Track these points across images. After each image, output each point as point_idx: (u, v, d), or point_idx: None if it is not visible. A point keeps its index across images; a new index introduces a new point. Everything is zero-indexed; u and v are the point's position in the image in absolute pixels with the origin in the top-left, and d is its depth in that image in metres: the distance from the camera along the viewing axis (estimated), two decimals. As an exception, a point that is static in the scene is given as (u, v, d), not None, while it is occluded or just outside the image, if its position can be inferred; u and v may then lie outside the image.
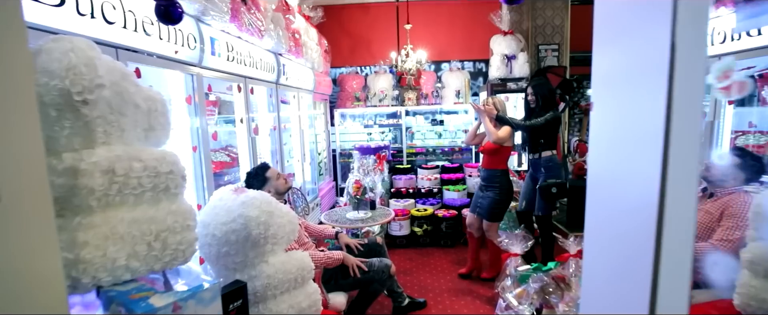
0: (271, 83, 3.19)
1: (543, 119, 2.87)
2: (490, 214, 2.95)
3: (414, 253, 3.73)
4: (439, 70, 5.95)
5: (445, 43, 5.92)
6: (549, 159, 2.98)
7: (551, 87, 3.06)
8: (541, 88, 2.98)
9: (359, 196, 2.76)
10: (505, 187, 2.93)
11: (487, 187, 2.97)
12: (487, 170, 2.97)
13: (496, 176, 2.93)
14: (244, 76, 2.63)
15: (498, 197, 2.93)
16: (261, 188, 2.13)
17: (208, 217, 1.47)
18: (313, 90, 4.41)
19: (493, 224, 2.97)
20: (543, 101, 2.96)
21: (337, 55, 5.93)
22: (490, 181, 2.95)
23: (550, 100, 2.97)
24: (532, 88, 3.03)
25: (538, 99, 2.97)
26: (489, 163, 2.96)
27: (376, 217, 2.80)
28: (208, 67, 2.14)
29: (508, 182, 2.95)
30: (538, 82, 3.04)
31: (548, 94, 2.97)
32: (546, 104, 2.95)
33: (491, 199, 2.94)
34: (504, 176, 2.95)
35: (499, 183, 2.92)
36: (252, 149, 2.68)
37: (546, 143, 2.95)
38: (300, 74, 3.85)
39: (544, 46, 5.28)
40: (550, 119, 2.89)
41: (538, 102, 2.97)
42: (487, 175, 2.97)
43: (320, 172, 4.98)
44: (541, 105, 2.96)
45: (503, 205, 2.96)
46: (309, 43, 4.11)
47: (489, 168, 2.96)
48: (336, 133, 5.68)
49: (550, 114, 2.90)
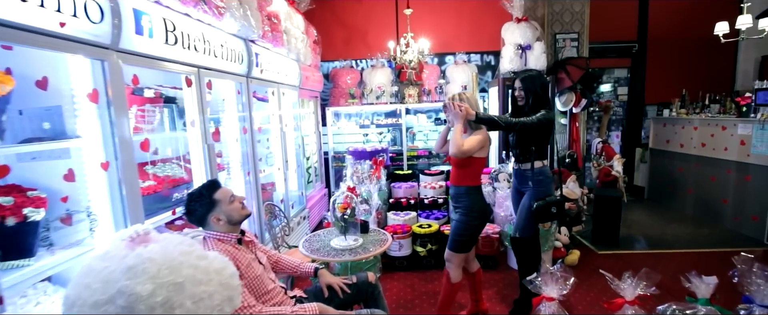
0: (240, 76, 2.60)
1: (536, 118, 2.26)
2: (452, 241, 2.28)
3: (416, 279, 3.15)
4: (442, 64, 5.36)
5: (450, 32, 5.32)
6: (540, 171, 2.38)
7: (545, 82, 2.45)
8: (532, 83, 2.36)
9: (347, 217, 2.18)
10: (473, 209, 2.21)
11: (455, 207, 2.31)
12: (453, 187, 2.29)
13: (462, 194, 2.23)
14: (196, 65, 2.04)
15: (464, 221, 2.22)
16: (206, 216, 1.55)
17: (75, 290, 0.88)
18: (298, 85, 3.82)
19: (456, 256, 2.28)
20: (534, 99, 2.35)
21: (330, 48, 5.34)
22: (457, 201, 2.28)
23: (542, 98, 2.37)
24: (520, 81, 2.39)
25: (528, 96, 2.36)
26: (456, 177, 2.27)
27: (369, 245, 2.22)
28: (130, 50, 1.55)
29: (479, 202, 2.24)
30: (529, 75, 2.41)
31: (541, 91, 2.37)
32: (537, 103, 2.35)
33: (456, 223, 2.28)
34: (473, 195, 2.22)
35: (466, 203, 2.22)
36: (208, 159, 2.10)
37: (537, 151, 2.36)
38: (281, 66, 3.26)
39: (562, 36, 4.68)
40: (544, 120, 2.28)
41: (528, 100, 2.37)
42: (454, 192, 2.30)
43: (309, 179, 4.39)
44: (531, 104, 2.36)
45: (470, 232, 2.25)
46: (293, 30, 3.51)
47: (456, 184, 2.27)
48: (328, 135, 5.09)
49: (542, 114, 2.28)
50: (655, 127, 5.25)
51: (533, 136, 2.34)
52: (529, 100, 2.36)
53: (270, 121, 3.29)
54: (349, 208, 2.17)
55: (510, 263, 3.30)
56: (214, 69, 2.22)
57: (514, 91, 2.43)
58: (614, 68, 5.83)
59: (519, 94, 2.39)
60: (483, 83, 5.36)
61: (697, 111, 4.81)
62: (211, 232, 1.58)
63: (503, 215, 3.32)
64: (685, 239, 3.80)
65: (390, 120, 5.12)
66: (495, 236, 3.21)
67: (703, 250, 3.51)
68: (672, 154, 4.88)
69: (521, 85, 2.38)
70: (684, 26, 5.47)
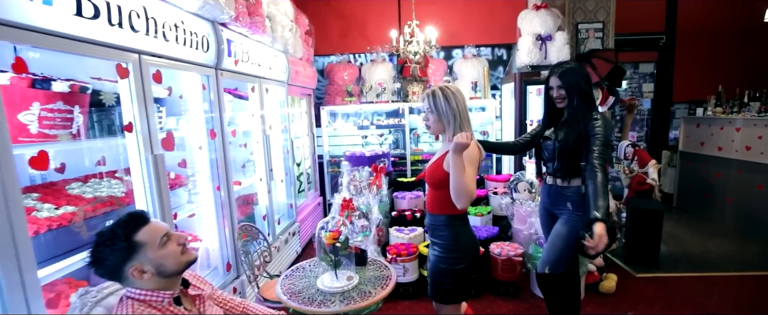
0: (207, 67, 2.09)
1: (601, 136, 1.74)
2: (435, 289, 1.68)
3: (424, 309, 2.65)
4: (450, 58, 4.85)
5: (458, 23, 4.80)
6: (578, 190, 1.87)
7: (587, 74, 1.89)
8: (573, 77, 1.82)
9: (341, 249, 1.66)
10: (455, 246, 1.62)
11: (433, 242, 1.72)
12: (430, 215, 1.69)
13: (440, 225, 1.64)
14: (134, 49, 1.53)
15: (445, 261, 1.63)
16: (122, 267, 1.04)
17: None
18: (286, 81, 3.32)
19: (446, 307, 1.69)
20: (579, 98, 1.82)
21: (325, 41, 4.83)
22: (434, 234, 1.69)
23: (588, 96, 1.84)
24: (559, 78, 1.84)
25: (572, 95, 1.83)
26: (433, 202, 1.65)
27: (368, 286, 1.70)
28: (9, 21, 1.05)
29: (463, 237, 1.63)
30: (568, 67, 1.85)
31: (586, 87, 1.83)
32: (583, 103, 1.82)
33: (435, 264, 1.69)
34: (456, 226, 1.62)
35: (447, 238, 1.63)
36: (152, 174, 1.59)
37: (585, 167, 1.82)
38: (263, 58, 2.75)
39: (585, 26, 4.17)
40: (608, 131, 1.78)
41: (571, 100, 1.83)
42: (430, 222, 1.70)
43: (300, 187, 3.88)
44: (576, 105, 1.82)
45: (456, 277, 1.63)
46: (278, 17, 3.01)
47: (433, 211, 1.66)
48: (323, 136, 4.58)
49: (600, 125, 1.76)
50: (686, 128, 4.72)
51: (581, 150, 1.82)
52: (572, 101, 1.84)
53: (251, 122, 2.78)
54: (340, 236, 1.65)
55: (534, 290, 2.79)
56: (165, 56, 1.71)
57: (549, 91, 1.91)
58: (639, 63, 5.31)
59: (558, 94, 1.87)
60: (494, 80, 4.85)
61: (736, 109, 4.29)
62: (133, 289, 1.08)
63: (526, 234, 2.80)
64: (735, 259, 3.29)
65: (392, 120, 4.61)
66: (517, 259, 2.70)
67: (761, 272, 2.99)
68: (707, 157, 4.36)
69: (561, 83, 1.84)
70: (717, 15, 4.95)
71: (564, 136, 1.86)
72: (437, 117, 1.59)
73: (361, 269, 1.84)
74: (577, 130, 1.80)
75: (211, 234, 2.26)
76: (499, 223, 3.38)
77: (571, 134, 1.82)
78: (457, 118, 1.57)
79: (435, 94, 1.58)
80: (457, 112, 1.57)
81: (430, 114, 1.61)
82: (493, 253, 2.75)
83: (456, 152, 1.45)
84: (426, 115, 1.62)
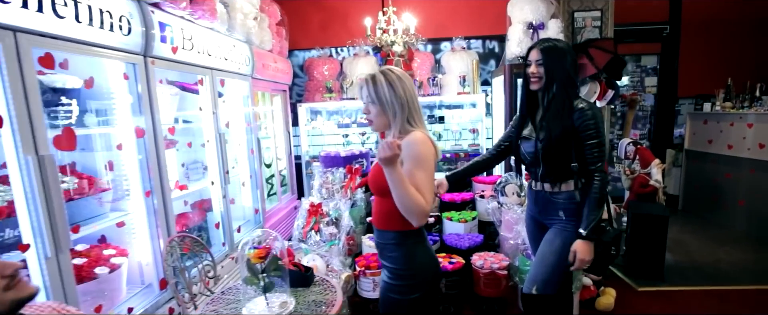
0: (130, 54, 1.79)
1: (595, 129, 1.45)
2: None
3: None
4: (437, 52, 4.53)
5: (446, 14, 4.49)
6: (570, 195, 1.56)
7: (575, 58, 1.57)
8: (557, 58, 1.50)
9: (269, 269, 1.36)
10: (410, 269, 1.31)
11: (382, 265, 1.41)
12: (378, 231, 1.38)
13: (389, 244, 1.33)
14: (2, 25, 1.23)
15: (395, 288, 1.33)
16: None
17: None
18: (250, 74, 3.02)
19: None
20: (560, 85, 1.49)
21: (305, 34, 4.54)
22: (383, 254, 1.38)
23: (572, 82, 1.51)
24: (541, 53, 1.52)
25: (551, 78, 1.50)
26: (380, 215, 1.35)
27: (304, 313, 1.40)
28: None
29: (421, 255, 1.33)
30: (554, 45, 1.53)
31: (571, 72, 1.51)
32: (564, 90, 1.49)
33: (383, 293, 1.39)
34: (409, 245, 1.31)
35: (398, 259, 1.32)
36: (32, 177, 1.29)
37: (581, 169, 1.52)
38: (214, 47, 2.45)
39: (582, 14, 3.85)
40: (600, 126, 1.47)
41: (550, 84, 1.51)
42: (379, 239, 1.39)
43: (270, 190, 3.59)
44: (555, 91, 1.50)
45: (412, 309, 1.32)
46: (239, 3, 2.71)
47: (381, 227, 1.36)
48: (301, 136, 4.27)
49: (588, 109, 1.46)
50: (693, 125, 4.39)
51: (568, 149, 1.51)
52: (550, 85, 1.52)
53: (202, 120, 2.49)
54: (268, 255, 1.34)
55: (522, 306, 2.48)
56: (60, 36, 1.41)
57: (527, 67, 1.59)
58: (641, 55, 4.97)
59: (536, 70, 1.54)
60: (485, 74, 4.53)
61: (747, 104, 3.95)
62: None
63: (513, 243, 2.48)
64: (750, 269, 2.95)
65: (375, 118, 4.29)
66: (501, 272, 2.38)
67: (779, 286, 2.67)
68: (716, 156, 4.02)
69: (541, 58, 1.52)
70: (726, 3, 4.60)
71: (546, 134, 1.54)
72: (380, 108, 1.27)
73: (303, 291, 1.53)
74: (560, 125, 1.49)
75: (143, 246, 1.96)
76: (486, 229, 3.07)
77: (554, 130, 1.50)
78: (405, 108, 1.26)
79: (375, 80, 1.26)
80: (404, 100, 1.26)
81: (370, 105, 1.29)
82: (475, 265, 2.44)
83: (386, 165, 1.13)
84: (365, 107, 1.30)
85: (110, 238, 1.96)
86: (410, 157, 1.22)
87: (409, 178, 1.19)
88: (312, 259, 2.32)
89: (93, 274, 1.64)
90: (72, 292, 1.44)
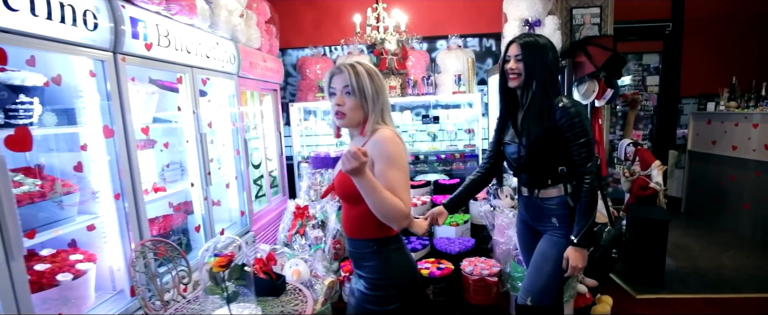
0: (97, 50, 1.71)
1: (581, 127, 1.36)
2: None
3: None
4: (433, 50, 4.44)
5: (442, 11, 4.39)
6: (562, 200, 1.46)
7: (558, 56, 1.47)
8: (538, 54, 1.40)
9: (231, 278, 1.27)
10: (388, 278, 1.21)
11: (357, 275, 1.32)
12: (350, 241, 1.28)
13: (366, 253, 1.23)
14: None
15: (372, 299, 1.23)
16: None
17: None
18: (236, 73, 2.94)
19: None
20: (541, 80, 1.39)
21: (298, 33, 4.48)
22: (358, 264, 1.28)
23: (553, 81, 1.41)
24: (521, 48, 1.42)
25: (531, 75, 1.41)
26: (352, 223, 1.25)
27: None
28: None
29: (399, 263, 1.24)
30: (534, 40, 1.43)
31: (553, 69, 1.41)
32: (544, 89, 1.39)
33: (359, 303, 1.28)
34: (385, 253, 1.22)
35: (375, 269, 1.22)
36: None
37: (569, 172, 1.43)
38: (196, 44, 2.37)
39: (580, 11, 3.74)
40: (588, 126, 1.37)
41: (529, 82, 1.42)
42: (351, 249, 1.29)
43: (259, 192, 3.50)
44: (535, 89, 1.40)
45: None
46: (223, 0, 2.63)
47: (353, 235, 1.26)
48: (293, 136, 4.20)
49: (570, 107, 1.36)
50: (696, 125, 4.26)
51: (554, 150, 1.42)
52: (529, 82, 1.41)
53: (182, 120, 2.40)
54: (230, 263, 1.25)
55: (514, 314, 2.37)
56: (11, 30, 1.33)
57: (505, 63, 1.49)
58: (642, 53, 4.85)
59: (515, 66, 1.44)
60: (482, 73, 4.43)
61: (752, 103, 3.82)
62: None
63: (505, 249, 2.38)
64: (755, 276, 2.83)
65: (368, 118, 4.21)
66: (492, 279, 2.28)
67: (785, 294, 2.54)
68: (720, 158, 3.89)
69: (521, 54, 1.42)
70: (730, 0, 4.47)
71: (528, 139, 1.44)
72: (358, 101, 1.17)
73: (272, 302, 1.44)
74: (541, 126, 1.39)
75: (115, 251, 1.88)
76: (479, 233, 2.97)
77: (534, 131, 1.40)
78: (381, 103, 1.19)
79: (357, 70, 1.17)
80: (383, 95, 1.19)
81: (345, 96, 1.18)
82: (465, 271, 2.34)
83: (354, 176, 1.04)
84: (339, 98, 1.18)
85: (80, 242, 1.87)
86: (382, 157, 1.13)
87: (382, 180, 1.11)
88: (295, 263, 2.24)
89: (55, 281, 1.56)
90: (26, 301, 1.35)
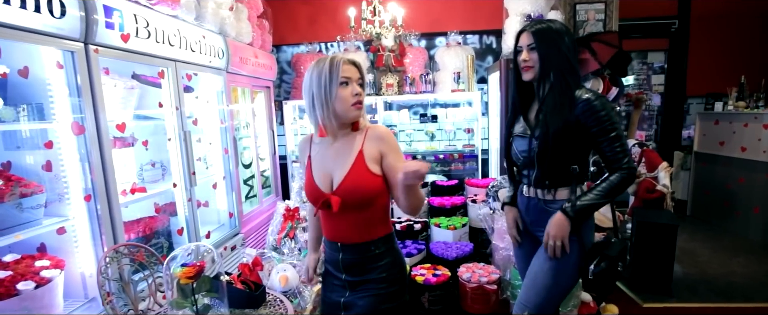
0: (70, 41, 1.59)
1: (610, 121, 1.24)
2: None
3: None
4: (431, 47, 4.31)
5: (441, 7, 4.27)
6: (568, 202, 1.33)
7: (573, 40, 1.31)
8: (553, 38, 1.27)
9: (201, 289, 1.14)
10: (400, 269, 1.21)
11: (368, 279, 1.22)
12: (358, 246, 1.21)
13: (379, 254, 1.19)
14: None
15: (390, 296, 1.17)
16: None
17: None
18: (225, 68, 2.81)
19: None
20: (559, 70, 1.26)
21: (293, 29, 4.35)
22: (365, 268, 1.22)
23: (572, 71, 1.27)
24: (533, 36, 1.29)
25: (547, 65, 1.27)
26: (358, 227, 1.19)
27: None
28: None
29: (399, 249, 1.24)
30: (548, 26, 1.29)
31: (571, 58, 1.26)
32: (564, 81, 1.26)
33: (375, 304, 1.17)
34: (392, 243, 1.22)
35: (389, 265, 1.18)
36: None
37: (581, 172, 1.32)
38: (179, 37, 2.25)
39: (584, 6, 3.63)
40: (618, 120, 1.26)
41: (545, 73, 1.28)
42: (358, 255, 1.21)
43: (249, 193, 3.38)
44: (553, 80, 1.27)
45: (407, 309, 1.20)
46: (210, -10, 2.51)
47: (363, 239, 1.20)
48: (287, 134, 4.08)
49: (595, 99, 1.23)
50: (703, 126, 4.13)
51: (567, 146, 1.29)
52: (546, 73, 1.28)
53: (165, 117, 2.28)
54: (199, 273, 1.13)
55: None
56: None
57: (518, 55, 1.36)
58: (647, 51, 4.72)
59: (529, 57, 1.31)
60: (482, 71, 4.30)
61: (762, 103, 3.69)
62: None
63: (505, 254, 2.26)
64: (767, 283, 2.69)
65: (365, 117, 4.08)
66: (491, 287, 2.15)
67: (801, 304, 2.41)
68: (728, 159, 3.76)
69: (534, 42, 1.29)
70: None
71: (543, 130, 1.30)
72: None
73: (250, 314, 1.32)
74: (561, 118, 1.26)
75: (87, 256, 1.76)
76: (478, 237, 2.85)
77: (553, 124, 1.27)
78: None
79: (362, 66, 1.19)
80: None
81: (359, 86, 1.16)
82: (462, 278, 2.21)
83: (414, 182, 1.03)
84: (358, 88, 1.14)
85: (50, 247, 1.75)
86: (393, 150, 1.15)
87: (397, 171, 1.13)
88: (283, 269, 2.11)
89: (14, 290, 1.43)
90: (-25, 313, 1.23)
